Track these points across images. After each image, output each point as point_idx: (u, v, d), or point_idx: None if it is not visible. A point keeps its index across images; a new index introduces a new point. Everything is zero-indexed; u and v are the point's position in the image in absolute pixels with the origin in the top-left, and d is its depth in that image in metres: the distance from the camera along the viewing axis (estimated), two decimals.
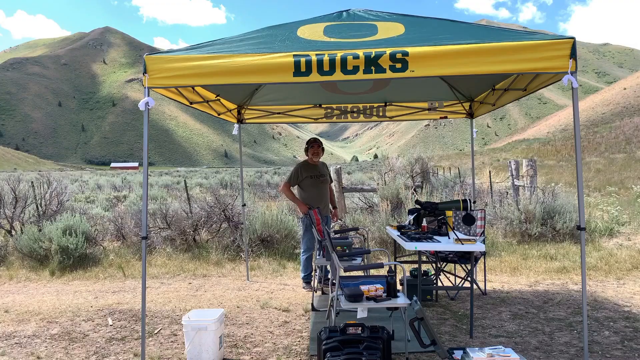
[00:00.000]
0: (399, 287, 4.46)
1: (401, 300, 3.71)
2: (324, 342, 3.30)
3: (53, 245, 7.43)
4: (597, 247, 7.89)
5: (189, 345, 3.74)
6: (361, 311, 3.59)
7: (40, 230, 7.91)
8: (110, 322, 4.92)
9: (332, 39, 3.60)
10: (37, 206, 8.96)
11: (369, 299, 3.67)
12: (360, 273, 5.68)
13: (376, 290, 3.73)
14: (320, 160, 6.05)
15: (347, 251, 4.94)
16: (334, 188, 7.95)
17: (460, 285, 5.67)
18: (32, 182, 9.51)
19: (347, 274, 4.89)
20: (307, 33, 3.71)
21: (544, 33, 3.52)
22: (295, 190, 6.01)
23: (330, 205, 6.16)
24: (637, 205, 12.28)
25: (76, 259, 7.47)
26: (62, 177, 29.54)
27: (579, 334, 4.27)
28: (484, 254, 5.70)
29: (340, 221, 8.38)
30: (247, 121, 6.56)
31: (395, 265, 4.02)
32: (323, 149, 6.02)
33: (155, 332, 4.59)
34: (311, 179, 5.91)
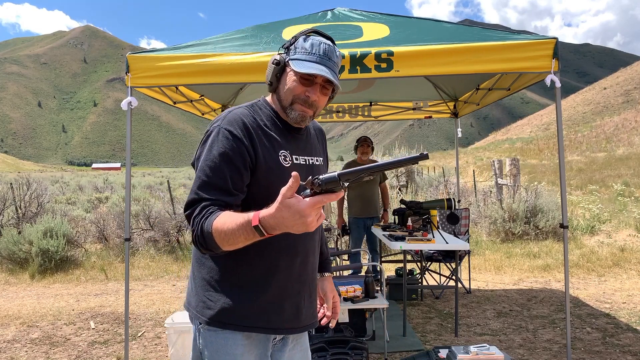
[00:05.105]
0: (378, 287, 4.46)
1: (379, 302, 3.72)
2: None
3: (33, 248, 7.28)
4: (579, 245, 8.01)
5: (172, 349, 3.69)
6: (341, 314, 3.58)
7: (19, 233, 7.74)
8: (93, 326, 4.84)
9: None
10: (16, 208, 8.77)
11: (346, 299, 3.66)
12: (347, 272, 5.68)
13: (354, 291, 3.73)
14: (370, 158, 5.81)
15: None
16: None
17: (445, 284, 5.71)
18: (10, 184, 9.30)
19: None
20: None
21: (527, 33, 3.55)
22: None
23: (382, 206, 5.91)
24: (617, 203, 12.52)
25: (57, 261, 7.32)
26: (42, 178, 29.01)
27: (561, 331, 4.32)
28: (468, 252, 5.75)
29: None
30: None
31: (379, 266, 4.03)
32: (373, 148, 5.80)
33: (139, 335, 4.52)
34: None
